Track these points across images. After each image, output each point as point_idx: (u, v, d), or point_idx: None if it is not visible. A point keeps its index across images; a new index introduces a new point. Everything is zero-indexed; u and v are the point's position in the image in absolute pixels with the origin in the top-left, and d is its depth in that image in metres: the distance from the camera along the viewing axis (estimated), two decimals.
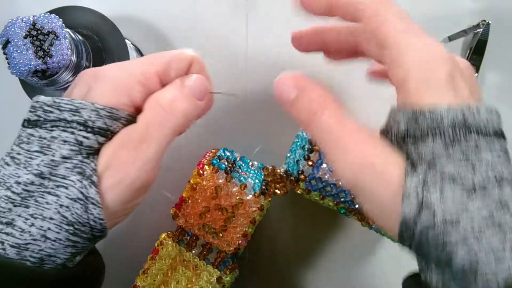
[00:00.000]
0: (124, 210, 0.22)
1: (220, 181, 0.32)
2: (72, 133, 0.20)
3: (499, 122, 0.20)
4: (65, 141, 0.20)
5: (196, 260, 0.33)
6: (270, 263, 0.42)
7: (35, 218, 0.19)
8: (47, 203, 0.19)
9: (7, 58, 0.29)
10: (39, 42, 0.29)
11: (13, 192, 0.19)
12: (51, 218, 0.19)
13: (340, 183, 0.30)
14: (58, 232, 0.19)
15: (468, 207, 0.17)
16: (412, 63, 0.20)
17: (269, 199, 0.33)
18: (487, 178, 0.18)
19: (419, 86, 0.19)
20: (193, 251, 0.34)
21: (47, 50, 0.29)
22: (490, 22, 0.41)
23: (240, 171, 0.33)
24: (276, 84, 0.24)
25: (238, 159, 0.35)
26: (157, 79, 0.23)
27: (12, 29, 0.28)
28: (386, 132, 0.21)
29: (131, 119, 0.22)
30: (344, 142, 0.20)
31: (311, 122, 0.21)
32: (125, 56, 0.34)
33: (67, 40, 0.30)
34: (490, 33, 0.41)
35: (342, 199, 0.30)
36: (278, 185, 0.34)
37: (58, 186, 0.19)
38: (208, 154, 0.34)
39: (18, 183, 0.19)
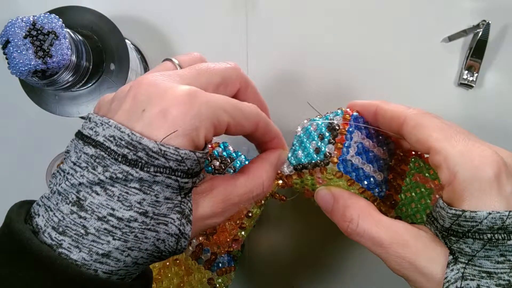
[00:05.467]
0: None
1: None
2: (176, 180, 0.21)
3: None
4: (168, 186, 0.21)
5: (188, 259, 0.33)
6: (270, 263, 0.42)
7: (132, 250, 0.20)
8: (146, 237, 0.20)
9: (7, 58, 0.28)
10: (39, 42, 0.29)
11: (113, 226, 0.20)
12: (146, 249, 0.20)
13: (368, 169, 0.29)
14: (147, 259, 0.21)
15: None
16: (457, 167, 0.22)
17: (260, 204, 0.33)
18: None
19: (464, 188, 0.22)
20: (186, 251, 0.33)
21: (47, 50, 0.29)
22: (490, 22, 0.41)
23: (232, 171, 0.33)
24: (316, 196, 0.29)
25: (233, 153, 0.34)
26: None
27: (12, 29, 0.28)
28: (432, 221, 0.24)
29: None
30: (386, 245, 0.24)
31: (350, 231, 0.26)
32: (125, 56, 0.34)
33: (67, 40, 0.30)
34: (490, 33, 0.41)
35: (369, 186, 0.29)
36: (279, 182, 0.33)
37: (158, 224, 0.20)
38: None
39: (119, 218, 0.20)
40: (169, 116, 0.20)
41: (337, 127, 0.30)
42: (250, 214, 0.33)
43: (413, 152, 0.32)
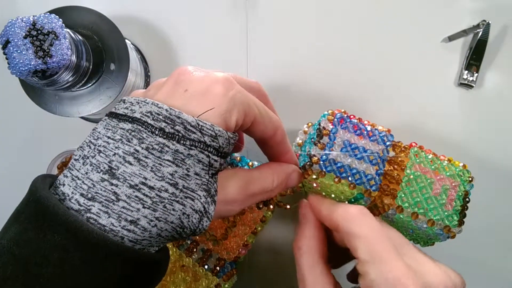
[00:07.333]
0: None
1: None
2: (208, 156, 0.22)
3: None
4: (199, 161, 0.22)
5: (195, 266, 0.33)
6: (270, 265, 0.42)
7: (159, 221, 0.20)
8: (174, 209, 0.21)
9: (7, 58, 0.29)
10: (39, 42, 0.29)
11: (144, 194, 0.20)
12: (172, 222, 0.21)
13: (353, 165, 0.30)
14: (170, 232, 0.21)
15: None
16: None
17: (271, 210, 0.33)
18: None
19: None
20: (193, 257, 0.33)
21: (47, 50, 0.29)
22: (490, 22, 0.41)
23: None
24: (299, 205, 0.31)
25: (237, 159, 0.35)
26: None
27: (12, 29, 0.28)
28: None
29: None
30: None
31: (296, 257, 0.29)
32: (125, 56, 0.34)
33: (67, 40, 0.30)
34: (490, 33, 0.41)
35: (358, 181, 0.30)
36: (283, 191, 0.34)
37: (186, 197, 0.21)
38: None
39: (150, 187, 0.20)
40: (209, 95, 0.22)
41: (322, 128, 0.31)
42: (264, 219, 0.33)
43: (414, 144, 0.33)
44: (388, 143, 0.32)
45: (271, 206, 0.34)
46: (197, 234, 0.22)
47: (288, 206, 0.35)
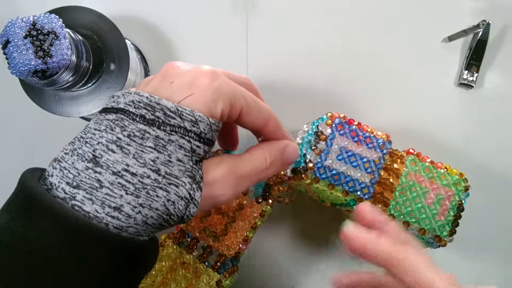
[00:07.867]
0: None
1: None
2: (189, 141, 0.22)
3: None
4: (181, 147, 0.22)
5: (196, 262, 0.33)
6: (270, 263, 0.42)
7: (143, 207, 0.21)
8: (157, 196, 0.21)
9: (7, 58, 0.29)
10: (39, 42, 0.29)
11: (127, 181, 0.21)
12: (156, 209, 0.21)
13: (348, 172, 0.30)
14: (156, 220, 0.21)
15: None
16: None
17: (271, 204, 0.34)
18: None
19: None
20: (194, 254, 0.34)
21: (47, 50, 0.29)
22: (490, 22, 0.41)
23: None
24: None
25: None
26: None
27: (12, 29, 0.28)
28: None
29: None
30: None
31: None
32: (125, 56, 0.34)
33: (67, 40, 0.30)
34: (490, 33, 0.41)
35: (351, 189, 0.30)
36: (281, 187, 0.34)
37: (170, 184, 0.21)
38: None
39: (133, 174, 0.21)
40: (194, 86, 0.22)
41: (320, 133, 0.30)
42: (263, 214, 0.33)
43: (411, 150, 0.33)
44: (385, 150, 0.31)
45: (270, 201, 0.34)
46: (185, 221, 0.23)
47: (287, 200, 0.35)
